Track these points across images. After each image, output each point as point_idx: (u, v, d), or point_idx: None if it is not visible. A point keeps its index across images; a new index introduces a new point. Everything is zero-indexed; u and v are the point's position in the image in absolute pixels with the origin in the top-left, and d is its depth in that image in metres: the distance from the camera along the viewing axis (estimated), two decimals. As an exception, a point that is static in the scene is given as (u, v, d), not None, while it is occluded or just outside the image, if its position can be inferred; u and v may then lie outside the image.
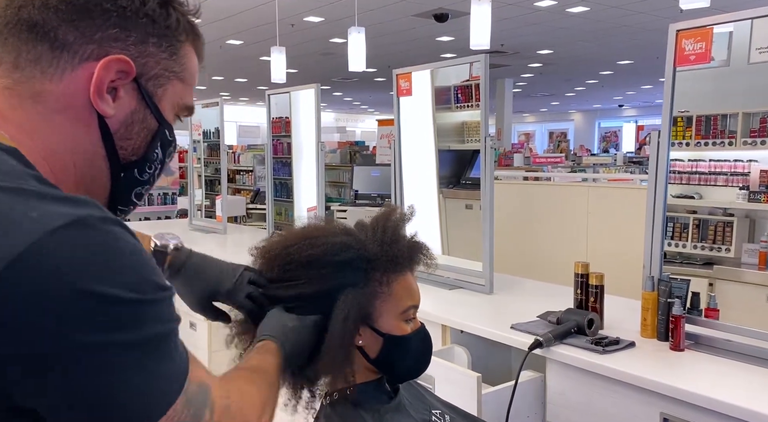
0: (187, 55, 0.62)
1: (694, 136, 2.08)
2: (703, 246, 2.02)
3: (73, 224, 0.48)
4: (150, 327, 0.51)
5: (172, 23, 0.59)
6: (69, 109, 0.55)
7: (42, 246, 0.46)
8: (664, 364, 1.45)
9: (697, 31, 1.55)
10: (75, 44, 0.54)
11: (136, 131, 0.59)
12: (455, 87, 2.43)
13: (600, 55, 10.05)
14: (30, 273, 0.45)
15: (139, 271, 0.51)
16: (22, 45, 0.54)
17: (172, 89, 0.61)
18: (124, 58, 0.56)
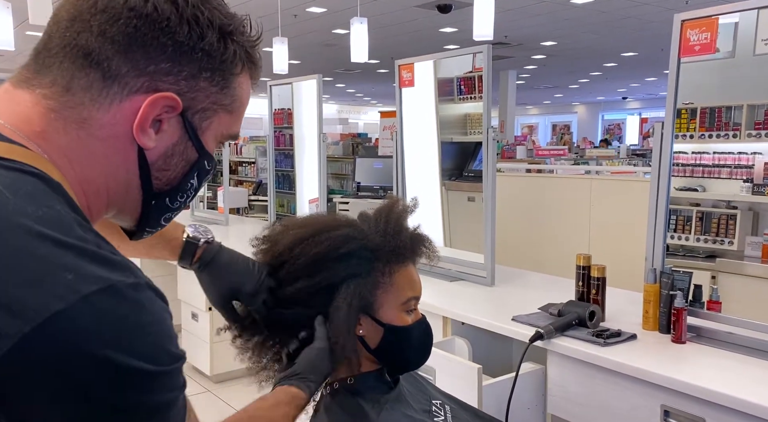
0: (240, 87, 0.61)
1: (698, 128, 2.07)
2: (706, 238, 2.01)
3: (105, 291, 0.48)
4: (161, 394, 0.51)
5: (228, 57, 0.58)
6: (111, 138, 0.55)
7: (71, 313, 0.46)
8: (666, 357, 1.45)
9: (702, 21, 1.53)
10: (126, 76, 0.54)
11: (174, 163, 0.59)
12: (458, 78, 2.42)
13: (604, 46, 9.99)
14: (55, 338, 0.45)
15: (159, 343, 0.51)
16: (77, 71, 0.54)
17: (218, 121, 0.60)
18: (172, 95, 0.55)
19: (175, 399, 0.53)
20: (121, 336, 0.48)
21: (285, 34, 6.67)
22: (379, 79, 13.94)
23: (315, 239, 0.92)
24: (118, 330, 0.48)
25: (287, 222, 1.00)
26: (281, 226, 0.99)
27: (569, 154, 9.50)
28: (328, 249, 0.91)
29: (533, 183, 3.80)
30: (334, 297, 0.91)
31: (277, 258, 0.94)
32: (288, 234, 0.95)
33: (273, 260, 0.95)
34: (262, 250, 0.98)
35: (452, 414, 1.01)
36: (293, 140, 3.43)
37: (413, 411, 0.96)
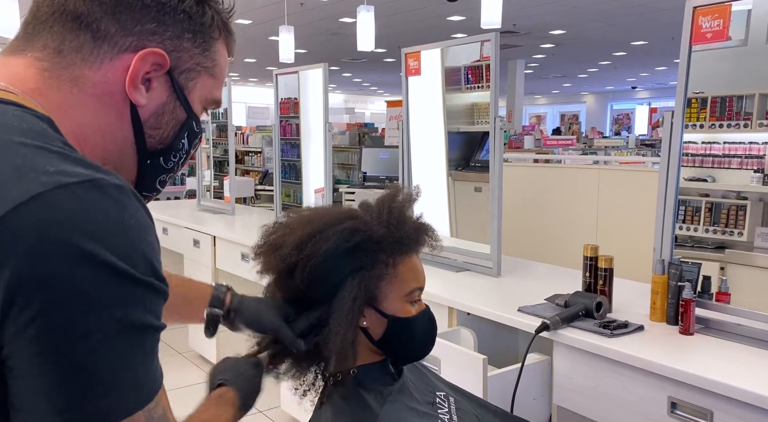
0: (219, 52, 0.65)
1: (708, 117, 2.04)
2: (716, 229, 1.99)
3: (87, 183, 0.49)
4: (135, 310, 0.49)
5: (207, 20, 0.62)
6: (104, 95, 0.58)
7: (49, 196, 0.47)
8: (673, 348, 1.44)
9: (714, 8, 1.50)
10: (116, 36, 0.57)
11: (165, 121, 0.62)
12: (465, 67, 2.40)
13: (614, 35, 9.88)
14: (32, 219, 0.46)
15: (135, 246, 0.50)
16: (67, 33, 0.57)
17: (202, 83, 0.64)
18: (160, 51, 0.58)
19: (150, 329, 0.50)
20: (98, 228, 0.48)
21: (291, 23, 6.64)
22: (385, 68, 13.87)
23: (323, 235, 0.90)
24: (97, 222, 0.48)
25: (288, 222, 0.97)
26: (281, 227, 0.96)
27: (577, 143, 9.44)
28: (337, 244, 0.90)
29: (540, 173, 3.78)
30: (339, 290, 0.90)
31: (286, 261, 0.91)
32: (293, 234, 0.93)
33: (282, 265, 0.92)
34: (266, 260, 0.95)
35: (456, 406, 1.01)
36: (299, 130, 3.41)
37: (417, 402, 0.95)
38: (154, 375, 0.52)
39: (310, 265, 0.89)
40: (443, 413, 0.97)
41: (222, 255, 3.18)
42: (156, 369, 0.52)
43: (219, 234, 3.19)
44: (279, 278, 0.94)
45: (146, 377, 0.51)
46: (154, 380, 0.52)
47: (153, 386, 0.52)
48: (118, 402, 0.48)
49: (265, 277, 0.97)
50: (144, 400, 0.50)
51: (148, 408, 0.51)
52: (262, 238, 0.96)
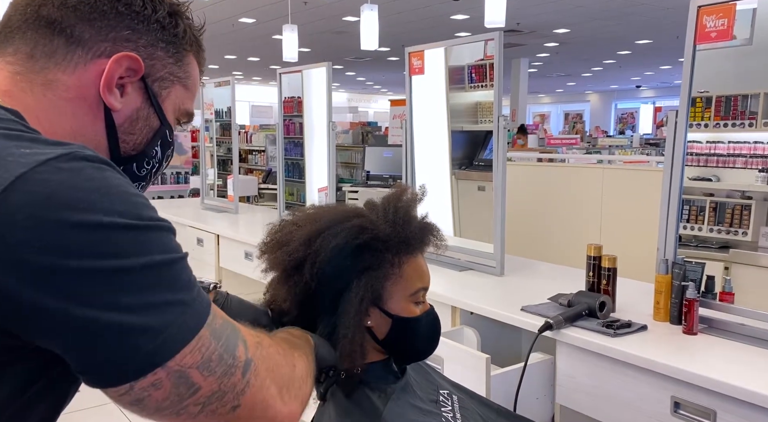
0: (191, 64, 0.66)
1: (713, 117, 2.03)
2: (720, 229, 1.98)
3: (63, 156, 0.50)
4: (153, 252, 0.51)
5: (179, 32, 0.63)
6: (78, 99, 0.58)
7: (35, 173, 0.47)
8: (677, 348, 1.44)
9: (719, 7, 1.50)
10: (90, 41, 0.58)
11: (139, 127, 0.63)
12: (469, 66, 2.39)
13: (618, 34, 9.85)
14: (23, 198, 0.46)
15: (130, 201, 0.51)
16: (40, 38, 0.57)
17: (175, 93, 0.65)
18: (134, 55, 0.59)
19: (174, 261, 0.53)
20: (90, 194, 0.49)
21: (295, 22, 6.64)
22: (389, 67, 13.86)
23: (331, 231, 0.90)
24: (85, 188, 0.49)
25: (294, 220, 0.97)
26: (287, 224, 0.96)
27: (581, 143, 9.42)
28: (346, 240, 0.89)
29: (544, 172, 3.77)
30: (346, 291, 0.90)
31: (293, 257, 0.90)
32: (300, 230, 0.92)
33: (289, 261, 0.91)
34: (271, 257, 0.94)
35: (460, 404, 1.01)
36: (303, 128, 3.42)
37: (420, 400, 0.96)
38: (200, 296, 0.54)
39: (319, 260, 0.88)
40: (446, 411, 0.97)
41: (226, 254, 3.19)
42: (200, 292, 0.55)
43: (223, 233, 3.20)
44: (285, 274, 0.92)
45: (193, 300, 0.53)
46: (201, 300, 0.54)
47: (203, 304, 0.54)
48: (179, 329, 0.51)
49: (269, 275, 0.97)
50: (201, 318, 0.53)
51: (207, 322, 0.54)
52: (267, 236, 0.96)
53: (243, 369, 0.56)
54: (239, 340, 0.57)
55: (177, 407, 0.52)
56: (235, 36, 9.72)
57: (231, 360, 0.55)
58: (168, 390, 0.51)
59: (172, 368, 0.51)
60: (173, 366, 0.51)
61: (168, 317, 0.51)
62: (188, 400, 0.52)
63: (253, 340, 0.60)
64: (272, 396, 0.59)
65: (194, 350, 0.52)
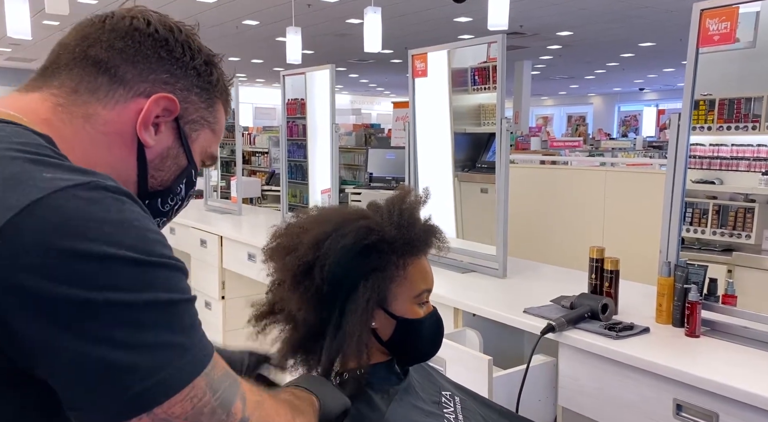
0: (219, 111, 0.70)
1: (716, 119, 2.03)
2: (723, 232, 1.98)
3: (83, 185, 0.50)
4: (158, 290, 0.50)
5: (213, 80, 0.67)
6: (114, 133, 0.61)
7: (49, 201, 0.48)
8: (679, 350, 1.44)
9: (722, 10, 1.50)
10: (131, 81, 0.62)
11: (168, 165, 0.66)
12: (472, 69, 2.40)
13: (621, 36, 9.84)
14: (35, 223, 0.47)
15: (144, 236, 0.51)
16: (86, 75, 0.61)
17: (204, 136, 0.68)
18: (172, 97, 0.63)
19: (179, 302, 0.52)
20: (103, 225, 0.49)
21: (298, 24, 6.66)
22: (392, 70, 13.88)
23: (339, 232, 0.90)
24: (100, 219, 0.49)
25: (299, 222, 0.96)
26: (292, 227, 0.96)
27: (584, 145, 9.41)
28: (355, 240, 0.89)
29: (547, 175, 3.77)
30: (352, 292, 0.90)
31: (303, 260, 0.90)
32: (306, 235, 0.92)
33: (299, 264, 0.90)
34: (279, 263, 0.94)
35: (462, 405, 1.01)
36: (306, 130, 3.42)
37: (423, 402, 0.96)
38: (202, 342, 0.53)
39: (329, 263, 0.88)
40: (449, 412, 0.97)
41: (229, 255, 3.20)
42: (202, 338, 0.54)
43: (226, 234, 3.21)
44: (294, 280, 0.91)
45: (193, 345, 0.52)
46: (203, 346, 0.53)
47: (203, 352, 0.53)
48: (172, 374, 0.50)
49: (277, 281, 0.96)
50: (199, 366, 0.52)
51: (205, 372, 0.52)
52: (272, 240, 0.96)
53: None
54: (237, 396, 0.55)
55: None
56: (239, 38, 9.75)
57: (224, 416, 0.53)
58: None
59: (158, 416, 0.49)
60: (159, 413, 0.49)
61: (162, 359, 0.49)
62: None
63: (254, 398, 0.58)
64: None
65: (185, 399, 0.50)
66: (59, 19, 7.81)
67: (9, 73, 14.28)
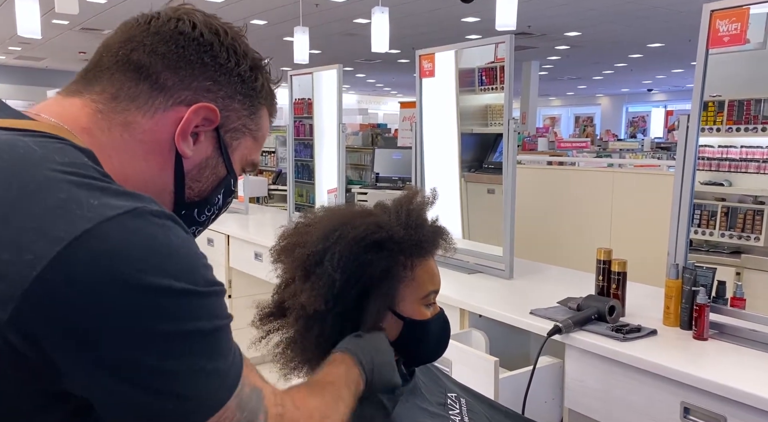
0: (263, 117, 0.68)
1: (725, 121, 2.01)
2: (732, 234, 1.97)
3: (130, 213, 0.50)
4: (202, 319, 0.51)
5: (258, 86, 0.65)
6: (152, 142, 0.60)
7: (98, 231, 0.48)
8: (687, 353, 1.43)
9: (732, 11, 1.49)
10: (172, 89, 0.60)
11: (207, 175, 0.64)
12: (479, 69, 2.39)
13: (630, 37, 9.80)
14: (85, 256, 0.47)
15: (190, 264, 0.52)
16: (126, 81, 0.60)
17: (245, 144, 0.66)
18: (213, 107, 0.61)
19: (220, 329, 0.53)
20: (151, 255, 0.49)
21: (306, 24, 6.67)
22: (399, 70, 13.87)
23: (350, 224, 0.90)
24: (148, 248, 0.49)
25: (307, 222, 0.96)
26: (300, 226, 0.96)
27: (592, 146, 9.38)
28: (366, 233, 0.89)
29: (554, 175, 3.76)
30: (364, 291, 0.90)
31: (312, 250, 0.89)
32: (315, 229, 0.92)
33: (309, 257, 0.90)
34: (288, 259, 0.93)
35: (468, 407, 1.01)
36: (313, 130, 3.43)
37: (428, 403, 0.96)
38: (235, 362, 0.55)
39: (339, 250, 0.87)
40: (454, 414, 0.97)
41: (235, 254, 3.21)
42: (236, 357, 0.55)
43: (233, 234, 3.22)
44: (305, 273, 0.90)
45: (228, 368, 0.54)
46: (236, 367, 0.55)
47: (236, 372, 0.55)
48: (209, 398, 0.52)
49: (284, 283, 0.95)
50: (231, 388, 0.54)
51: (236, 392, 0.54)
52: (280, 240, 0.96)
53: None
54: (261, 411, 0.57)
55: None
56: (247, 37, 9.76)
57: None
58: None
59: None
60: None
61: (199, 385, 0.51)
62: None
63: (275, 411, 0.59)
64: None
65: (218, 420, 0.53)
66: (68, 19, 7.87)
67: (19, 71, 14.39)
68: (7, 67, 14.18)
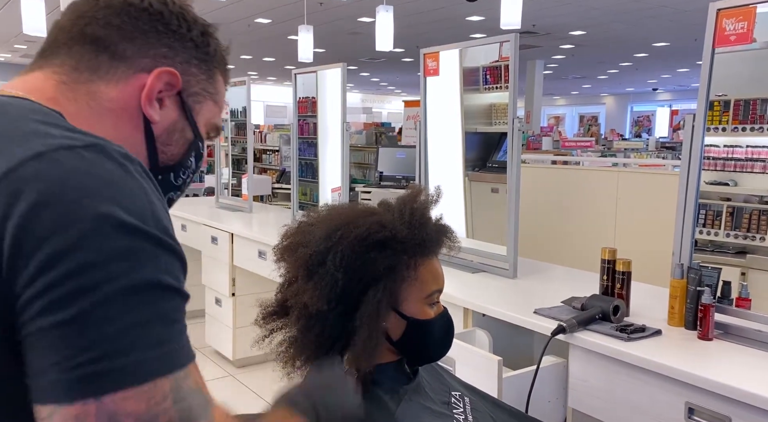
0: (219, 82, 0.70)
1: (731, 120, 2.01)
2: (737, 234, 1.96)
3: (92, 146, 0.51)
4: (147, 268, 0.48)
5: (210, 51, 0.67)
6: (120, 110, 0.61)
7: (55, 155, 0.49)
8: (691, 353, 1.43)
9: (738, 10, 1.48)
10: (132, 58, 0.61)
11: (176, 139, 0.66)
12: (484, 68, 2.39)
13: (635, 36, 9.76)
14: (34, 174, 0.47)
15: (144, 204, 0.51)
16: (86, 53, 0.61)
17: (206, 108, 0.68)
18: (173, 71, 0.62)
19: (166, 289, 0.48)
20: (103, 185, 0.49)
21: (310, 22, 6.67)
22: (403, 68, 13.86)
23: (353, 224, 0.90)
24: (102, 180, 0.49)
25: (310, 220, 0.96)
26: (303, 225, 0.96)
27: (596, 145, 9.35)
28: (368, 232, 0.89)
29: (558, 175, 3.75)
30: (367, 288, 0.90)
31: (315, 250, 0.89)
32: (318, 228, 0.92)
33: (311, 256, 0.89)
34: (291, 258, 0.93)
35: (471, 406, 1.01)
36: (317, 129, 3.43)
37: (432, 402, 0.96)
38: (181, 344, 0.49)
39: (341, 249, 0.88)
40: (458, 413, 0.97)
41: (239, 253, 3.21)
42: (183, 338, 0.49)
43: (237, 232, 3.22)
44: (308, 272, 0.90)
45: (168, 340, 0.47)
46: (181, 348, 0.49)
47: (179, 353, 0.48)
48: (134, 363, 0.45)
49: (287, 282, 0.96)
50: (168, 365, 0.47)
51: (175, 376, 0.47)
52: (283, 239, 0.96)
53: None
54: (203, 418, 0.49)
55: None
56: (251, 36, 9.78)
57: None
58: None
59: (106, 406, 0.43)
60: (108, 403, 0.44)
61: (128, 344, 0.45)
62: None
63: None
64: None
65: (141, 396, 0.45)
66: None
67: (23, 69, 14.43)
68: (13, 65, 14.23)
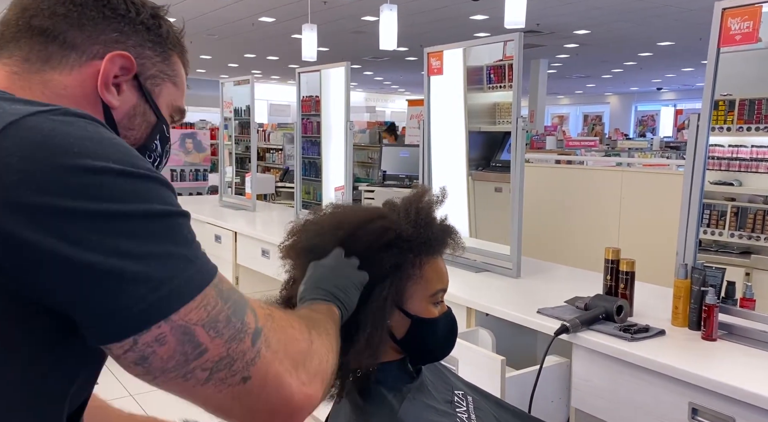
0: (177, 64, 0.69)
1: (735, 120, 2.00)
2: (741, 234, 1.95)
3: (59, 110, 0.51)
4: (152, 202, 0.50)
5: (163, 33, 0.66)
6: (76, 97, 0.60)
7: (27, 122, 0.49)
8: (695, 354, 1.42)
9: (744, 10, 1.48)
10: (82, 45, 0.61)
11: (138, 123, 0.65)
12: (488, 67, 2.39)
13: (639, 36, 9.73)
14: (15, 145, 0.48)
15: (125, 151, 0.52)
16: (35, 44, 0.60)
17: (166, 90, 0.67)
18: (126, 54, 0.62)
19: (173, 214, 0.52)
20: (81, 141, 0.50)
21: (314, 21, 6.67)
22: (407, 67, 13.85)
23: (356, 235, 0.90)
24: (79, 136, 0.50)
25: (316, 220, 0.96)
26: (309, 224, 0.95)
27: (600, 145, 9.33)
28: (376, 237, 0.89)
29: (562, 174, 3.74)
30: (372, 290, 0.90)
31: (322, 251, 0.89)
32: (323, 238, 0.91)
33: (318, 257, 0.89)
34: (297, 263, 0.93)
35: (474, 405, 1.01)
36: (320, 127, 3.43)
37: (435, 401, 0.96)
38: (204, 257, 0.53)
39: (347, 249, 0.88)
40: (461, 412, 0.97)
41: (243, 251, 3.22)
42: (204, 255, 0.54)
43: (240, 230, 3.23)
44: None
45: (196, 256, 0.52)
46: (206, 260, 0.53)
47: (208, 265, 0.53)
48: (184, 282, 0.50)
49: (292, 279, 0.96)
50: (206, 276, 0.52)
51: (213, 283, 0.52)
52: (289, 236, 0.96)
53: (253, 336, 0.53)
54: (248, 308, 0.55)
55: (183, 369, 0.50)
56: (255, 35, 9.79)
57: (239, 324, 0.53)
58: (173, 347, 0.49)
59: (176, 322, 0.49)
60: (177, 320, 0.49)
61: (171, 269, 0.50)
62: (194, 363, 0.50)
63: (263, 312, 0.57)
64: (286, 371, 0.55)
65: (199, 306, 0.50)
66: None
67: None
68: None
